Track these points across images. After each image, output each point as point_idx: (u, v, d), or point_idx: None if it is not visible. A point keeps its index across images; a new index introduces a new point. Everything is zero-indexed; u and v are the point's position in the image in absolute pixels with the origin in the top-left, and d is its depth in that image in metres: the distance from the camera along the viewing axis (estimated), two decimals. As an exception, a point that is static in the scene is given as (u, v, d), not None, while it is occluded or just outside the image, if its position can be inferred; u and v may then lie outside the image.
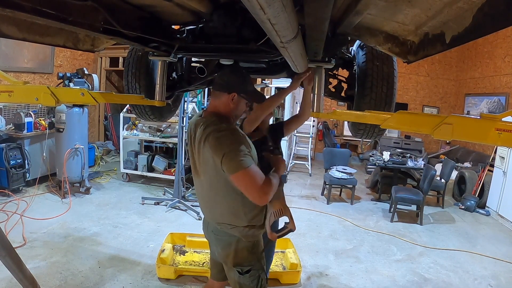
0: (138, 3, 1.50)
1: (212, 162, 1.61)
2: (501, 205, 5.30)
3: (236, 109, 1.73)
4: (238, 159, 1.53)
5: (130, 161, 6.04)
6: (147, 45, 1.79)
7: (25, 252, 3.34)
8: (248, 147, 1.60)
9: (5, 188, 4.79)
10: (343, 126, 9.22)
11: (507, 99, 6.87)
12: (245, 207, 1.70)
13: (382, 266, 3.65)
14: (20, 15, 1.08)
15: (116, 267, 3.26)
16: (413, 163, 6.01)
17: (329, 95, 2.38)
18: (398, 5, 1.27)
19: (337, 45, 1.92)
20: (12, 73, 5.51)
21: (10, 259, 2.18)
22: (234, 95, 1.68)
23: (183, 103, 4.82)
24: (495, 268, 3.76)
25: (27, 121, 5.20)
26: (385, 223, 4.94)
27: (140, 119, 4.76)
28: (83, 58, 7.41)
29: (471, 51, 8.46)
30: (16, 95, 1.96)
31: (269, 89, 6.98)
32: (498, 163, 5.50)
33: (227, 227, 1.76)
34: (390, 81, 2.07)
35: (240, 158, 1.53)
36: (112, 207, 4.86)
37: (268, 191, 1.58)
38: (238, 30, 1.68)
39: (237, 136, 1.61)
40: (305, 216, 5.01)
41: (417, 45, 1.59)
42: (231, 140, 1.58)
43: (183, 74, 2.53)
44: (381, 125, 1.67)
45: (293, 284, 3.19)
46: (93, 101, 1.97)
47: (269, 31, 1.01)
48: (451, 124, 1.47)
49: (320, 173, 7.50)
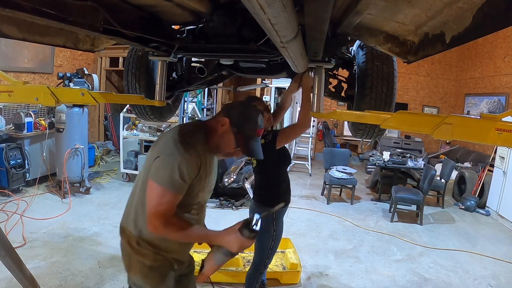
0: (138, 3, 1.50)
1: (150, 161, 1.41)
2: (501, 205, 5.30)
3: (220, 138, 1.46)
4: (169, 173, 1.31)
5: (130, 161, 6.04)
6: (147, 45, 1.79)
7: (25, 252, 3.34)
8: (192, 174, 1.36)
9: (5, 188, 4.78)
10: (343, 126, 9.22)
11: (507, 99, 6.88)
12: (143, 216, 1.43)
13: (382, 266, 3.65)
14: (20, 15, 1.08)
15: (116, 267, 3.26)
16: (413, 163, 6.01)
17: (329, 95, 2.38)
18: (398, 5, 1.27)
19: (337, 45, 1.92)
20: (12, 73, 5.51)
21: (10, 259, 2.19)
22: (226, 121, 1.44)
23: (183, 103, 4.83)
24: (495, 268, 3.76)
25: (27, 121, 5.20)
26: (385, 223, 4.94)
27: (140, 119, 4.76)
28: (83, 58, 7.41)
29: (471, 51, 8.46)
30: (16, 95, 1.96)
31: (269, 89, 6.98)
32: (498, 163, 5.50)
33: None
34: (390, 81, 2.07)
35: (172, 175, 1.31)
36: (112, 207, 4.85)
37: (170, 229, 1.33)
38: (238, 30, 1.67)
39: (191, 157, 1.35)
40: (305, 216, 5.01)
41: (417, 45, 1.59)
42: (182, 154, 1.33)
43: (183, 74, 2.53)
44: (381, 125, 1.67)
45: (293, 284, 3.19)
46: (93, 101, 1.97)
47: (269, 31, 1.01)
48: (451, 124, 1.47)
49: (320, 173, 7.50)
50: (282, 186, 2.43)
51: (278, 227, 2.34)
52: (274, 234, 2.31)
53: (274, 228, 2.30)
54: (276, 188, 2.40)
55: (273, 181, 2.39)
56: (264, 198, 2.39)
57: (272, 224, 2.29)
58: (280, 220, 2.37)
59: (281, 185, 2.43)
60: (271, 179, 2.39)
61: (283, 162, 2.45)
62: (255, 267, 2.45)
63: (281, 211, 2.39)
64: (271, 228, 2.29)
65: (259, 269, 2.43)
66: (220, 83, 4.26)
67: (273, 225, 2.30)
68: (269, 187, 2.40)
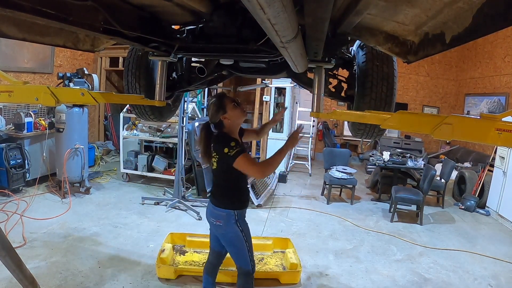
0: (138, 3, 1.51)
1: None
2: (501, 205, 5.30)
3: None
4: None
5: (130, 161, 6.04)
6: (147, 45, 1.79)
7: (25, 252, 3.34)
8: None
9: (5, 188, 4.78)
10: (343, 126, 9.22)
11: (507, 99, 6.88)
12: None
13: (382, 266, 3.66)
14: (20, 15, 1.08)
15: (116, 267, 3.26)
16: (413, 163, 6.01)
17: (329, 95, 2.38)
18: (398, 5, 1.27)
19: (337, 45, 1.92)
20: (12, 73, 5.51)
21: (10, 259, 2.18)
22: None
23: (183, 103, 4.83)
24: (495, 268, 3.76)
25: (27, 121, 5.20)
26: (385, 223, 4.94)
27: (140, 119, 4.76)
28: (83, 58, 7.41)
29: (471, 51, 8.47)
30: (16, 95, 1.96)
31: (269, 89, 6.97)
32: (498, 163, 5.50)
33: None
34: (390, 81, 2.07)
35: None
36: (112, 207, 4.86)
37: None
38: (238, 30, 1.67)
39: None
40: (305, 216, 5.01)
41: (417, 45, 1.59)
42: None
43: (183, 74, 2.53)
44: (381, 125, 1.67)
45: (293, 284, 3.19)
46: (93, 101, 1.97)
47: (269, 31, 1.01)
48: (451, 124, 1.47)
49: (320, 173, 7.50)
50: (244, 189, 2.37)
51: (244, 227, 2.29)
52: (243, 234, 2.26)
53: (240, 229, 2.25)
54: (237, 191, 2.32)
55: (232, 185, 2.30)
56: (224, 202, 2.27)
57: (236, 226, 2.25)
58: (243, 220, 2.31)
59: (244, 189, 2.37)
60: (230, 183, 2.29)
61: (243, 173, 2.31)
62: (245, 274, 2.33)
63: (243, 212, 2.32)
64: (237, 231, 2.25)
65: (248, 273, 2.32)
66: (220, 83, 4.26)
67: (238, 226, 2.25)
68: (229, 191, 2.30)
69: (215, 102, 2.25)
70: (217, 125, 2.29)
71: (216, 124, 2.29)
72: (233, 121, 2.25)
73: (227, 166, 2.17)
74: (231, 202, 2.27)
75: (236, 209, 2.26)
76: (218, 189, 2.34)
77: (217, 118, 2.25)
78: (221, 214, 2.24)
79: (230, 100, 2.25)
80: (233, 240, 2.29)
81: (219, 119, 2.24)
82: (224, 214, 2.24)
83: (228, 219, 2.24)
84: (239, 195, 2.34)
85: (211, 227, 2.39)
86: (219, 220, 2.25)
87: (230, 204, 2.26)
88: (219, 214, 2.25)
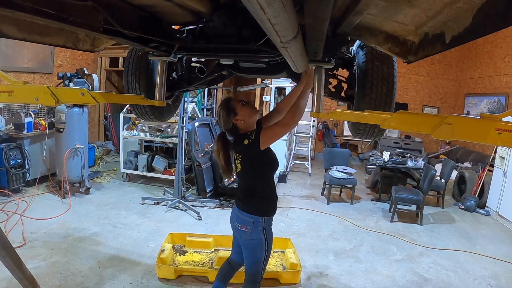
0: (138, 3, 1.51)
1: None
2: (501, 205, 5.30)
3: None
4: None
5: (130, 161, 6.04)
6: (147, 45, 1.79)
7: (25, 252, 3.34)
8: None
9: (5, 188, 4.78)
10: (343, 126, 9.22)
11: (507, 99, 6.88)
12: None
13: (382, 266, 3.65)
14: (20, 15, 1.08)
15: (116, 267, 3.26)
16: (413, 163, 6.01)
17: (329, 95, 2.38)
18: (398, 5, 1.27)
19: (337, 45, 1.92)
20: (12, 73, 5.51)
21: (10, 259, 2.18)
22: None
23: (183, 103, 4.82)
24: (495, 268, 3.76)
25: (27, 121, 5.20)
26: (385, 223, 4.94)
27: (140, 119, 4.77)
28: (83, 58, 7.41)
29: (471, 51, 8.47)
30: (16, 95, 1.96)
31: (269, 89, 6.98)
32: (498, 163, 5.50)
33: None
34: (390, 81, 2.07)
35: None
36: (112, 207, 4.86)
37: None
38: (238, 30, 1.67)
39: None
40: (305, 216, 5.01)
41: (417, 45, 1.59)
42: None
43: (183, 74, 2.53)
44: (381, 125, 1.67)
45: (293, 284, 3.19)
46: (93, 101, 1.97)
47: (269, 31, 1.01)
48: (451, 124, 1.47)
49: (320, 173, 7.50)
50: (272, 193, 2.23)
51: (269, 236, 2.17)
52: (266, 243, 2.15)
53: (265, 237, 2.14)
54: (266, 196, 2.19)
55: (260, 188, 2.17)
56: (252, 206, 2.15)
57: (262, 233, 2.13)
58: (269, 229, 2.20)
59: (272, 192, 2.23)
60: (258, 185, 2.17)
61: (271, 167, 2.23)
62: (252, 282, 2.23)
63: (270, 220, 2.21)
64: (262, 239, 2.13)
65: (255, 282, 2.22)
66: (220, 83, 4.25)
67: (264, 234, 2.13)
68: (257, 194, 2.17)
69: (223, 108, 2.16)
70: (232, 131, 2.18)
71: (230, 130, 2.18)
72: (246, 121, 2.14)
73: (254, 158, 2.07)
74: (259, 207, 2.14)
75: (265, 215, 2.14)
76: (245, 192, 2.20)
77: (230, 123, 2.14)
78: (248, 220, 2.12)
79: (237, 101, 2.16)
80: (255, 247, 2.16)
81: (232, 124, 2.14)
82: (251, 220, 2.11)
83: (255, 226, 2.11)
84: (268, 198, 2.20)
85: (235, 232, 2.25)
86: (245, 225, 2.13)
87: (258, 210, 2.13)
88: (245, 220, 2.12)
